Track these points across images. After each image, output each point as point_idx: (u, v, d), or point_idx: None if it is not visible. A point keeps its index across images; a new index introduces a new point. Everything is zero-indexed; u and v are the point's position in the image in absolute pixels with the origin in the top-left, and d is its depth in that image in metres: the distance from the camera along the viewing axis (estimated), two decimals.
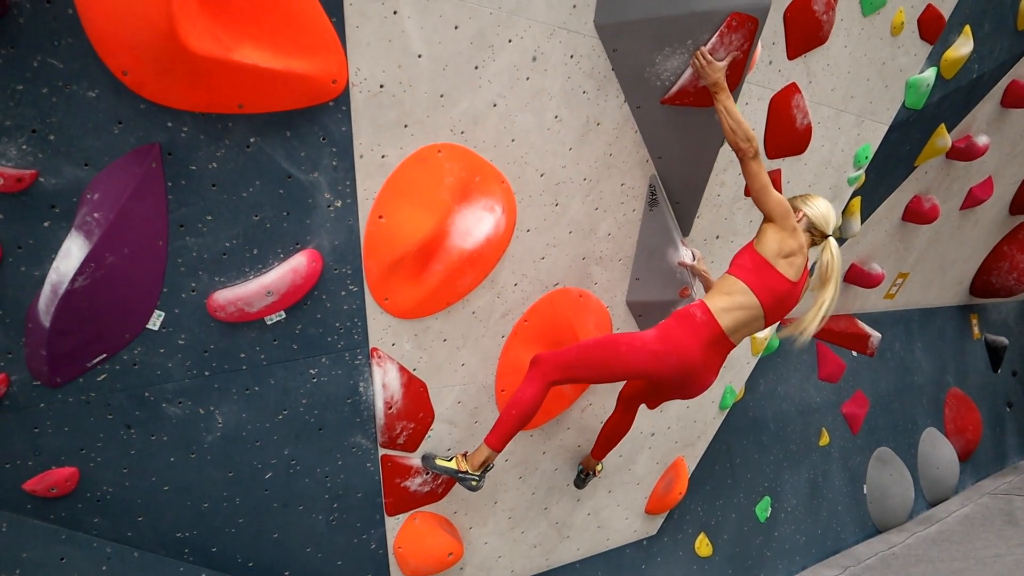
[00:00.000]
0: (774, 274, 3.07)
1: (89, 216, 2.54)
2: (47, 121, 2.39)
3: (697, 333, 3.10)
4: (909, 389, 7.24)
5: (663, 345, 3.09)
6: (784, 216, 3.06)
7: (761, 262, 3.08)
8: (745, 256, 3.14)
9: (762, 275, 3.08)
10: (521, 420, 3.17)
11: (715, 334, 3.11)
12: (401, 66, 2.74)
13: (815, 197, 3.27)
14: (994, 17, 5.18)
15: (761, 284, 3.08)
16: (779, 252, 3.06)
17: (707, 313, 3.10)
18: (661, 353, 3.08)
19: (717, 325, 3.10)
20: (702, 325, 3.10)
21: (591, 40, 3.17)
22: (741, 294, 3.10)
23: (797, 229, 3.08)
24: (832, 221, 3.22)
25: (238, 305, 2.81)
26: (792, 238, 3.06)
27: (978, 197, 6.65)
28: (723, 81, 3.06)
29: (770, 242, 3.06)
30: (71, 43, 2.34)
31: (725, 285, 3.15)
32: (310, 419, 3.18)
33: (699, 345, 3.11)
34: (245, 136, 2.62)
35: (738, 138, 2.99)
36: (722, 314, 3.10)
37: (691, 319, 3.11)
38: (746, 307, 3.11)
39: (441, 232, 3.00)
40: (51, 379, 2.68)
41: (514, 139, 3.13)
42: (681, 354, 3.09)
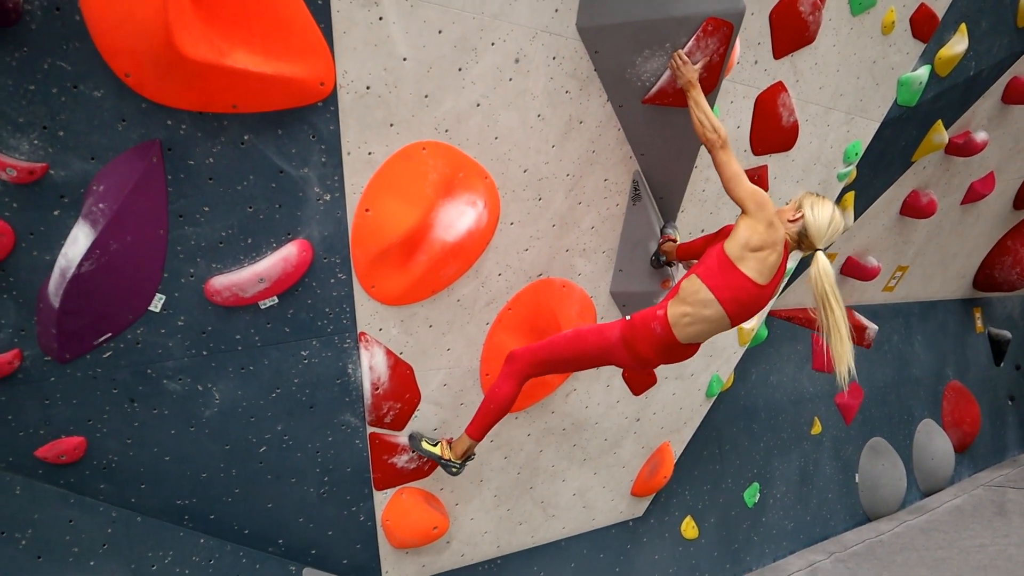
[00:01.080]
0: (738, 276, 2.93)
1: (95, 206, 2.75)
2: (56, 118, 2.59)
3: (655, 344, 3.12)
4: (906, 381, 7.33)
5: (626, 345, 3.16)
6: (759, 207, 2.90)
7: (725, 262, 2.94)
8: (712, 255, 3.02)
9: (727, 277, 2.95)
10: (498, 413, 3.36)
11: (673, 343, 3.12)
12: (387, 69, 2.91)
13: (824, 202, 3.02)
14: (992, 15, 5.22)
15: (725, 287, 2.95)
16: (747, 245, 2.90)
17: (665, 327, 3.07)
18: (624, 351, 3.18)
19: (674, 338, 3.08)
20: (660, 337, 3.10)
21: (573, 42, 3.31)
22: (702, 305, 3.00)
23: (775, 224, 2.91)
24: (826, 235, 2.97)
25: (233, 290, 3.01)
26: (768, 232, 2.89)
27: (979, 192, 6.69)
28: (696, 80, 3.14)
29: (739, 235, 2.92)
30: (78, 47, 2.53)
31: (689, 289, 3.03)
32: (302, 398, 3.38)
33: (657, 353, 3.16)
34: (239, 134, 2.81)
35: (705, 129, 3.02)
36: (681, 328, 3.06)
37: (651, 332, 3.10)
38: (708, 319, 3.03)
39: (425, 225, 3.17)
40: (60, 355, 2.90)
41: (497, 137, 3.29)
42: (642, 357, 3.18)
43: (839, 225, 3.00)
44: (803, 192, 3.12)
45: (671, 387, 4.76)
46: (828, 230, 2.96)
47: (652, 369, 3.34)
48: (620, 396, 4.50)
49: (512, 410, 3.97)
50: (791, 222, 3.00)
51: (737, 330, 4.99)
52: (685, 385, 4.83)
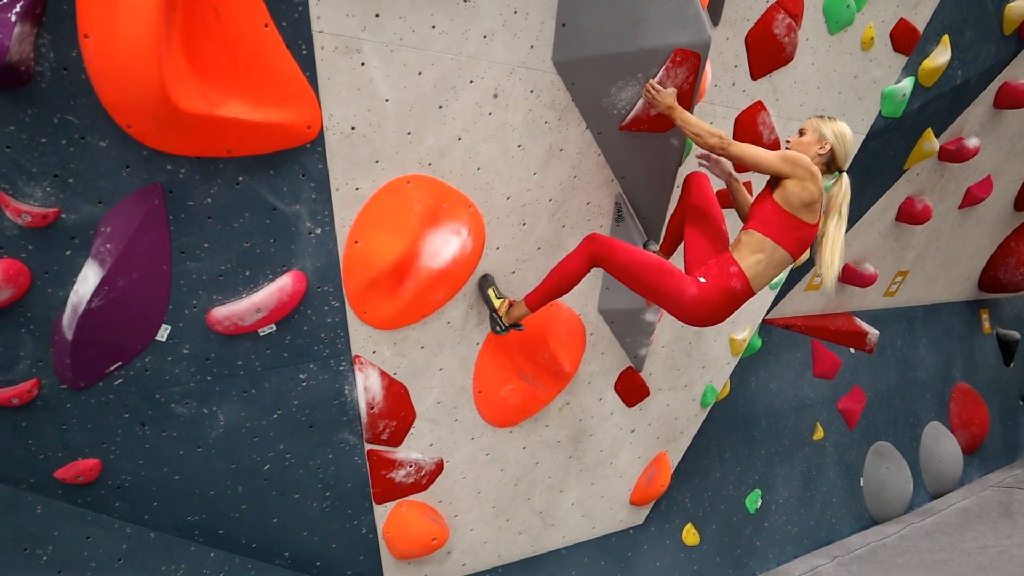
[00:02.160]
0: (800, 224, 3.07)
1: (103, 246, 2.97)
2: (67, 167, 2.81)
3: (735, 304, 3.20)
4: (911, 384, 7.39)
5: (696, 305, 3.18)
6: (796, 164, 3.01)
7: (785, 216, 3.06)
8: (767, 210, 3.12)
9: (789, 228, 3.07)
10: (562, 287, 3.45)
11: (748, 296, 3.21)
12: (370, 110, 3.10)
13: (836, 123, 3.19)
14: (976, 25, 5.32)
15: (789, 237, 3.09)
16: (803, 203, 3.03)
17: (745, 283, 3.15)
18: (691, 307, 3.19)
19: (752, 292, 3.19)
20: (741, 295, 3.17)
21: (550, 76, 3.48)
22: (772, 251, 3.11)
23: (815, 174, 3.02)
24: (851, 153, 3.18)
25: (232, 320, 3.22)
26: (812, 182, 3.01)
27: (977, 196, 6.76)
28: (674, 102, 3.27)
29: (792, 196, 3.03)
30: (84, 102, 2.74)
31: (754, 243, 3.14)
32: (302, 418, 3.58)
33: (730, 308, 3.22)
34: (235, 175, 3.01)
35: (704, 139, 3.12)
36: (758, 278, 3.16)
37: (731, 292, 3.15)
38: (779, 263, 3.15)
39: (412, 254, 3.36)
40: (75, 383, 3.13)
41: (480, 168, 3.47)
42: (709, 317, 3.22)
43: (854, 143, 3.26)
44: (809, 119, 3.23)
45: (665, 398, 4.90)
46: (853, 150, 3.19)
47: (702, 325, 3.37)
48: (614, 408, 4.66)
49: (505, 425, 4.16)
50: (820, 154, 3.15)
51: (729, 341, 5.13)
52: (679, 396, 4.97)
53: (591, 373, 4.43)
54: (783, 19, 4.11)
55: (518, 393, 4.06)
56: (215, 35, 2.73)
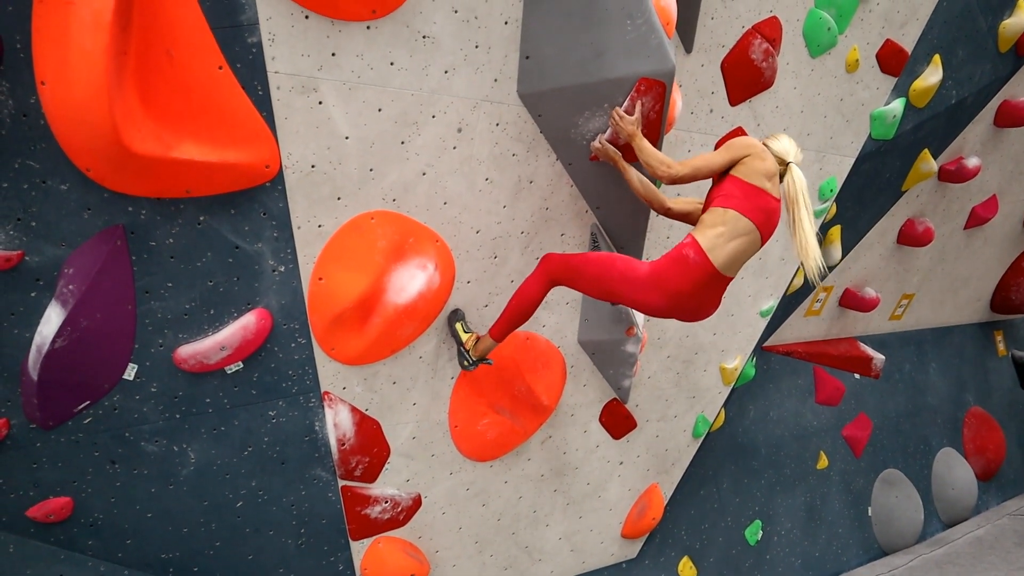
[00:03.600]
0: (764, 195, 3.05)
1: (66, 288, 2.99)
2: (29, 211, 2.84)
3: (690, 275, 3.03)
4: (922, 410, 7.20)
5: (654, 284, 3.07)
6: (745, 146, 3.09)
7: (749, 188, 3.04)
8: (728, 186, 3.08)
9: (753, 199, 3.04)
10: (522, 315, 3.42)
11: (708, 274, 3.03)
12: (330, 147, 3.11)
13: (776, 135, 3.28)
14: (969, 43, 5.23)
15: (753, 207, 3.04)
16: (764, 173, 3.05)
17: (700, 253, 3.01)
18: (651, 289, 3.08)
19: (710, 264, 3.01)
20: (695, 266, 3.02)
21: (516, 108, 3.47)
22: (733, 221, 3.02)
23: (767, 151, 3.11)
24: (792, 151, 3.19)
25: (197, 358, 3.23)
26: (767, 158, 3.08)
27: (982, 216, 6.61)
28: (635, 131, 3.24)
29: (753, 168, 3.05)
30: (44, 147, 2.78)
31: (715, 217, 3.05)
32: (273, 455, 3.57)
33: (692, 288, 3.06)
34: (195, 215, 3.03)
35: (655, 168, 3.12)
36: (716, 250, 3.02)
37: (684, 261, 3.04)
38: (743, 232, 3.04)
39: (377, 289, 3.35)
40: (44, 423, 3.15)
41: (446, 202, 3.46)
42: (672, 295, 3.07)
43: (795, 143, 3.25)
44: None
45: (654, 429, 4.82)
46: (791, 145, 3.21)
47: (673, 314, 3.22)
48: (600, 441, 4.59)
49: (484, 459, 4.11)
50: None
51: (720, 370, 5.04)
52: (669, 427, 4.89)
53: (574, 405, 4.37)
54: (760, 44, 4.07)
55: (495, 427, 4.01)
56: (169, 78, 2.76)
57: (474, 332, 3.64)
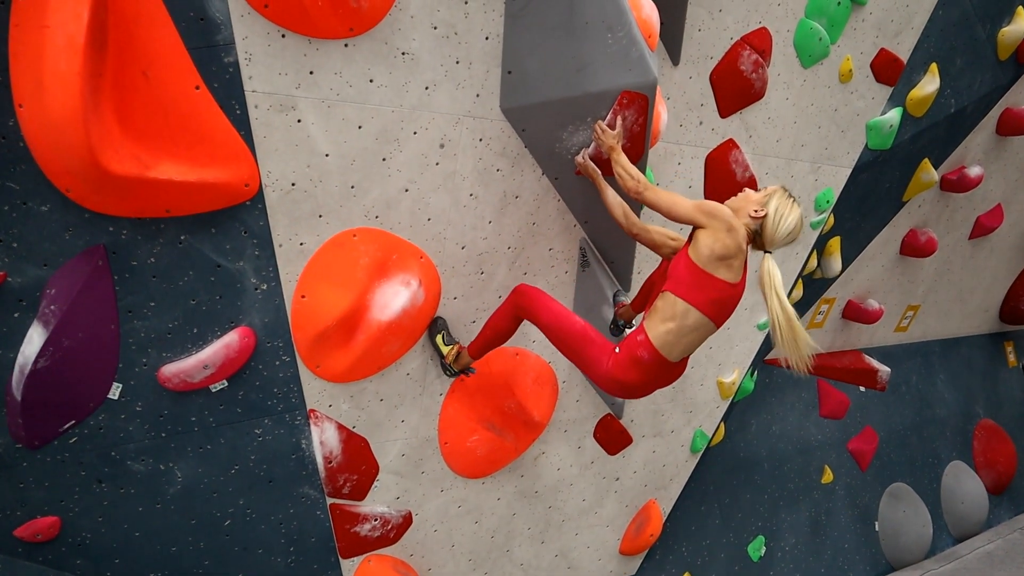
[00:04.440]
0: (714, 282, 2.83)
1: (47, 308, 3.00)
2: (10, 232, 2.86)
3: (647, 372, 2.98)
4: (930, 422, 7.09)
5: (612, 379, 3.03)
6: (711, 216, 2.80)
7: (698, 272, 2.83)
8: (680, 267, 2.90)
9: (703, 287, 2.84)
10: (494, 341, 3.43)
11: (664, 365, 2.98)
12: (310, 165, 3.11)
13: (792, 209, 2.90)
14: (967, 52, 5.17)
15: (704, 298, 2.84)
16: (714, 255, 2.79)
17: (652, 351, 2.93)
18: (608, 382, 3.05)
19: (665, 360, 2.95)
20: (651, 364, 2.96)
21: (499, 123, 3.46)
22: (683, 316, 2.87)
23: (734, 227, 2.80)
24: (777, 244, 2.91)
25: (181, 377, 3.22)
26: (730, 237, 2.78)
27: (987, 226, 6.52)
28: (615, 144, 3.22)
29: (703, 247, 2.81)
30: (24, 169, 2.79)
31: (665, 307, 2.91)
32: (260, 473, 3.55)
33: (648, 378, 3.02)
34: (176, 235, 3.03)
35: (624, 180, 3.06)
36: (668, 347, 2.92)
37: (639, 361, 2.96)
38: (694, 328, 2.90)
39: (361, 307, 3.34)
40: (30, 442, 3.15)
41: (430, 218, 3.45)
42: (629, 387, 3.05)
43: (796, 235, 2.95)
44: (778, 186, 2.99)
45: (650, 444, 4.77)
46: (783, 240, 2.91)
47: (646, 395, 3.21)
48: (594, 457, 4.54)
49: (476, 476, 4.08)
50: (753, 217, 2.89)
51: (718, 384, 4.98)
52: (665, 442, 4.83)
53: (567, 421, 4.33)
54: (749, 55, 4.04)
55: (486, 444, 3.98)
56: (145, 98, 2.77)
57: (456, 343, 3.63)
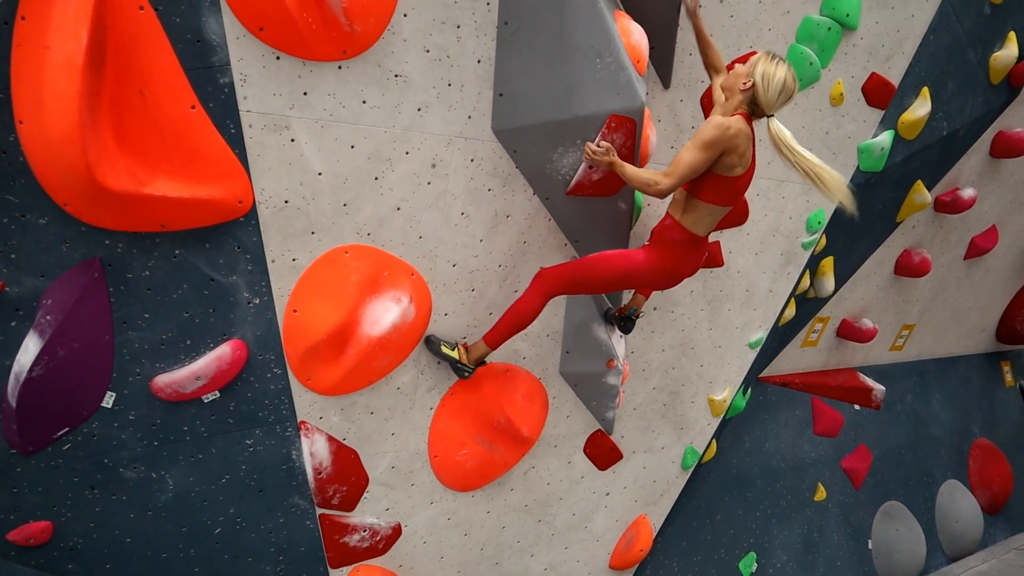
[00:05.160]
0: (737, 181, 3.16)
1: (43, 318, 3.07)
2: (9, 243, 2.93)
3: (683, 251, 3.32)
4: (924, 441, 7.10)
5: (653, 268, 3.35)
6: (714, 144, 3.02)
7: (723, 181, 3.15)
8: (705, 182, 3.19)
9: (728, 189, 3.17)
10: (518, 327, 3.55)
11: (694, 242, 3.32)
12: (303, 183, 3.18)
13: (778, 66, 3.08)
14: (959, 75, 5.22)
15: (728, 195, 3.19)
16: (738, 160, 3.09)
17: (684, 232, 3.29)
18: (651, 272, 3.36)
19: (694, 237, 3.30)
20: (683, 243, 3.30)
21: (491, 144, 3.53)
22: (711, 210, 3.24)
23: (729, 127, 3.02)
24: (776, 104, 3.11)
25: (173, 387, 3.29)
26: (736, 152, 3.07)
27: (981, 247, 6.55)
28: (615, 158, 3.27)
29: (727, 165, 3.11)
30: (23, 183, 2.87)
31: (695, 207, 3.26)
32: (250, 482, 3.61)
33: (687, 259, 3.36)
34: (171, 249, 3.11)
35: (646, 187, 3.17)
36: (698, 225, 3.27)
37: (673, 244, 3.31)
38: (719, 213, 3.27)
39: (351, 322, 3.40)
40: (24, 448, 3.22)
41: (422, 236, 3.52)
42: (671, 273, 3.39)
43: (791, 90, 3.11)
44: (761, 52, 3.16)
45: (641, 460, 4.81)
46: (778, 99, 3.09)
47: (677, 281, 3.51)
48: (584, 472, 4.58)
49: (465, 489, 4.12)
50: (743, 90, 3.11)
51: (709, 402, 5.02)
52: (656, 458, 4.87)
53: (557, 436, 4.37)
54: None
55: (475, 458, 4.03)
56: (142, 117, 2.85)
57: (459, 343, 3.71)
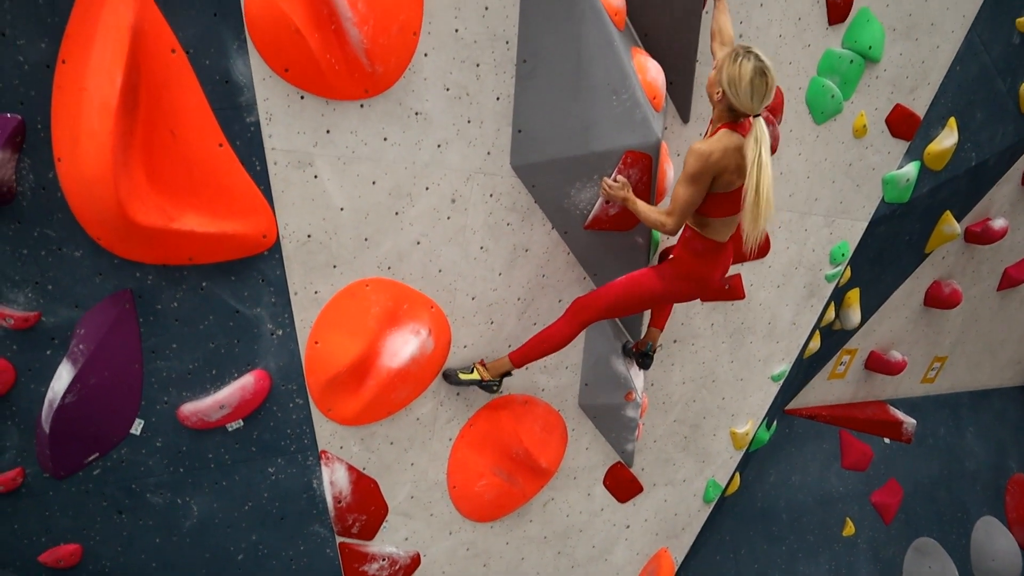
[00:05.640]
0: (729, 196, 3.12)
1: (77, 347, 3.19)
2: (46, 275, 3.06)
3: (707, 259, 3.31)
4: (958, 476, 6.94)
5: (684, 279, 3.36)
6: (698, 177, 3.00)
7: (722, 197, 3.14)
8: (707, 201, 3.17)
9: (729, 203, 3.14)
10: (546, 352, 3.60)
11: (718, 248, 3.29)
12: (325, 218, 3.27)
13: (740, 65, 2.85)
14: (987, 105, 5.17)
15: (732, 207, 3.14)
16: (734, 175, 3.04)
17: (704, 241, 3.27)
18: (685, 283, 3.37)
19: (717, 244, 3.27)
20: (707, 251, 3.29)
21: (510, 179, 3.59)
22: (726, 223, 3.23)
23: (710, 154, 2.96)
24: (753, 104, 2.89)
25: (199, 416, 3.38)
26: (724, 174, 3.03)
27: (1016, 278, 6.44)
28: (628, 194, 3.34)
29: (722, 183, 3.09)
30: (60, 217, 3.00)
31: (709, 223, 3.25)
32: (272, 510, 3.68)
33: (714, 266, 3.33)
34: (198, 281, 3.21)
35: (660, 228, 3.21)
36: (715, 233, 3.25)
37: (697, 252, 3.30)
38: (734, 221, 3.22)
39: (371, 354, 3.47)
40: (56, 472, 3.33)
41: (441, 270, 3.58)
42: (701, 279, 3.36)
43: (763, 85, 2.85)
44: (725, 53, 2.95)
45: (661, 493, 4.79)
46: (753, 99, 2.87)
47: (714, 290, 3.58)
48: (604, 504, 4.57)
49: (484, 520, 4.15)
50: (717, 101, 3.00)
51: (731, 435, 4.98)
52: (677, 491, 4.84)
53: (576, 468, 4.38)
54: None
55: (492, 489, 4.05)
56: (172, 155, 2.97)
57: (474, 364, 3.75)
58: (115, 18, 2.77)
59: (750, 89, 2.84)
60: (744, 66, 2.83)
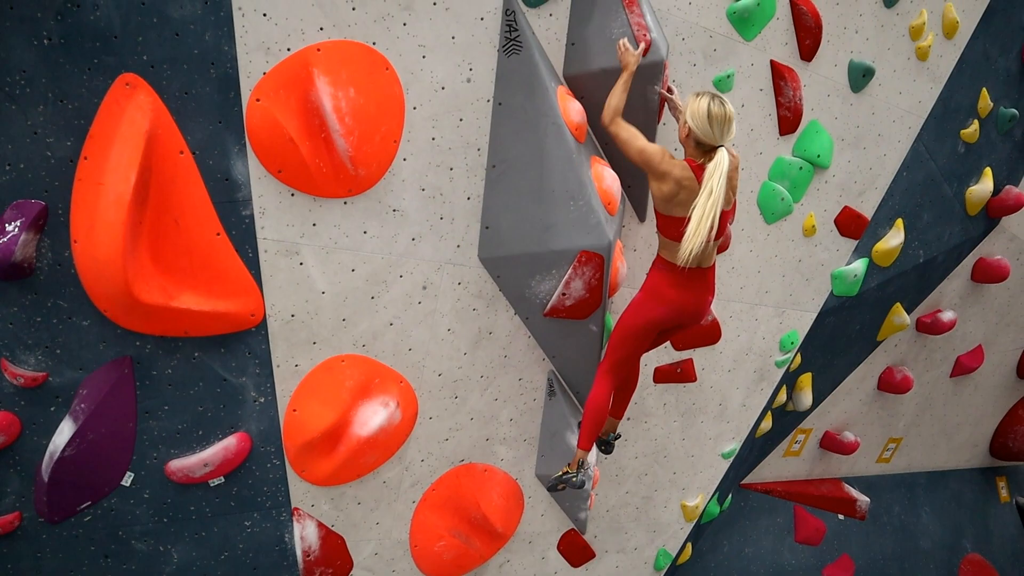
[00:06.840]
0: (673, 220, 3.28)
1: (79, 406, 3.56)
2: (56, 340, 3.44)
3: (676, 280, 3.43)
4: (912, 554, 7.19)
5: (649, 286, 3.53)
6: (647, 164, 3.20)
7: (659, 215, 3.35)
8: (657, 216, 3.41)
9: (668, 226, 3.34)
10: (599, 418, 3.74)
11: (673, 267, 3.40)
12: (308, 300, 3.67)
13: (699, 100, 3.16)
14: (934, 207, 5.56)
15: (674, 232, 3.31)
16: (662, 199, 3.23)
17: (667, 264, 3.44)
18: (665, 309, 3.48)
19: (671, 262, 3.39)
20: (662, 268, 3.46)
21: (477, 270, 3.99)
22: (670, 246, 3.38)
23: (667, 172, 3.18)
24: (714, 134, 3.13)
25: (184, 472, 3.73)
26: (664, 182, 3.19)
27: (968, 365, 6.78)
28: (632, 66, 3.47)
29: (654, 193, 3.28)
30: (72, 290, 3.39)
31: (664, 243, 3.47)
32: (246, 560, 4.00)
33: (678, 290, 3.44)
34: (191, 351, 3.59)
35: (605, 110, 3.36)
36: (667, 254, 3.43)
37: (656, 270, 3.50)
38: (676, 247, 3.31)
39: (344, 422, 3.83)
40: (51, 517, 3.67)
41: (411, 348, 3.96)
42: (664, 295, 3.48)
43: (721, 114, 3.13)
44: (691, 96, 3.24)
45: (613, 560, 5.08)
46: (713, 128, 3.14)
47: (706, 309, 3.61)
48: (558, 567, 4.87)
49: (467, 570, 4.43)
50: (685, 138, 3.26)
51: (681, 507, 5.29)
52: (629, 558, 5.14)
53: (532, 533, 4.69)
54: None
55: (451, 549, 4.36)
56: (175, 241, 3.37)
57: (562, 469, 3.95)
58: (133, 124, 3.20)
59: (708, 117, 3.15)
60: (703, 99, 3.19)
